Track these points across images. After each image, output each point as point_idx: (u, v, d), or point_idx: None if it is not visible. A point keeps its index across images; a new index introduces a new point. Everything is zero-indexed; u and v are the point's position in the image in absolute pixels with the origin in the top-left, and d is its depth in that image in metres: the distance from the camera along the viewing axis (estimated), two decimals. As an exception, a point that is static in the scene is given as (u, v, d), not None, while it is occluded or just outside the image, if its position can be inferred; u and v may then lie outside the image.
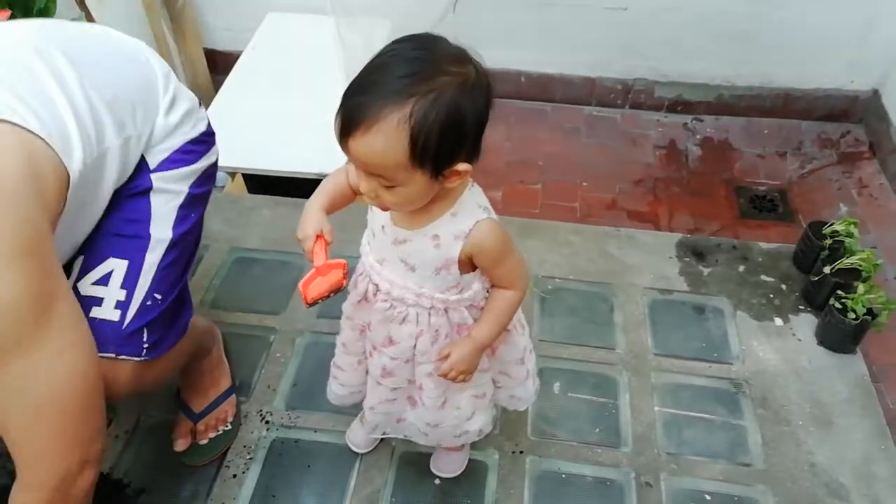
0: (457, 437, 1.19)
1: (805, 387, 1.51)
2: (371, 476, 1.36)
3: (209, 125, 1.19)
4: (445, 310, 1.00)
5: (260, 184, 2.06)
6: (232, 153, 1.90)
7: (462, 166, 0.83)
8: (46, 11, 1.51)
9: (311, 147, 1.88)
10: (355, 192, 1.01)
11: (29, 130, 0.83)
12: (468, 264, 0.95)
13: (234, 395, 1.44)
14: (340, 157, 0.87)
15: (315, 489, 1.34)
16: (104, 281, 1.02)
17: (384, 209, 0.89)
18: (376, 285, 1.01)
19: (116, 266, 1.03)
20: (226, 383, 1.44)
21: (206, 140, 1.16)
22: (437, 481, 1.36)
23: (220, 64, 2.57)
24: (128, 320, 1.02)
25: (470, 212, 0.92)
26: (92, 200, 0.99)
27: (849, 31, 2.34)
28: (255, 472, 1.36)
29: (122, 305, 1.02)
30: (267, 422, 1.44)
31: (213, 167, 1.19)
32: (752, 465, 1.39)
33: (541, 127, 2.60)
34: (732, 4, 2.32)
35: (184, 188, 1.11)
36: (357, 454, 1.39)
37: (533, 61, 2.56)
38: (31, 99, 0.86)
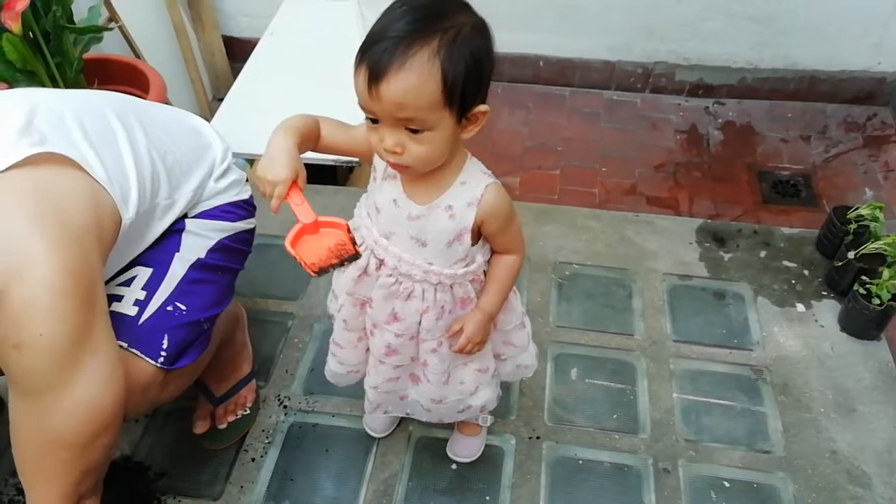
0: (460, 412, 1.19)
1: (827, 373, 1.49)
2: (388, 460, 1.37)
3: (252, 197, 1.28)
4: (451, 285, 1.01)
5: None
6: (250, 140, 1.90)
7: (482, 107, 0.85)
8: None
9: (329, 133, 1.88)
10: (322, 148, 0.99)
11: (95, 179, 0.94)
12: (476, 234, 0.97)
13: (254, 381, 1.46)
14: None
15: (333, 473, 1.36)
16: (127, 283, 1.08)
17: (402, 170, 0.88)
18: (380, 260, 1.00)
19: (141, 272, 1.09)
20: (247, 368, 1.46)
21: (246, 207, 1.25)
22: (453, 466, 1.36)
23: (238, 51, 2.57)
24: (144, 317, 1.05)
25: (478, 178, 0.94)
26: (136, 240, 1.08)
27: (874, 10, 2.28)
28: (274, 456, 1.38)
29: (141, 304, 1.06)
30: (285, 406, 1.45)
31: (249, 234, 1.27)
32: (772, 452, 1.38)
33: (559, 112, 2.57)
34: (754, -16, 2.28)
35: (215, 236, 1.17)
36: (374, 438, 1.40)
37: (552, 45, 2.53)
38: (105, 151, 0.98)
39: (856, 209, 1.62)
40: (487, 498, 1.32)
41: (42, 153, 0.89)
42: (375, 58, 0.78)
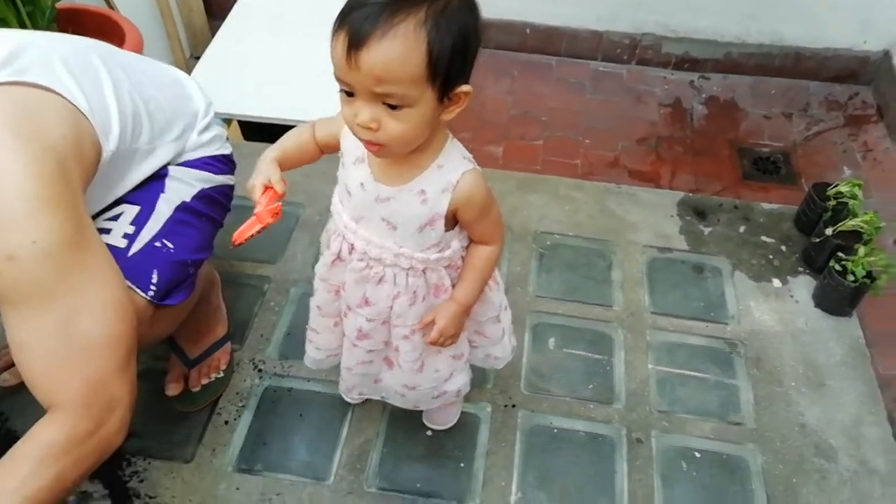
0: (435, 398, 1.17)
1: (799, 348, 1.51)
2: (363, 426, 1.37)
3: (232, 154, 1.31)
4: (423, 270, 0.98)
5: (257, 131, 2.02)
6: (228, 99, 1.86)
7: (465, 87, 0.81)
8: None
9: (310, 94, 1.83)
10: (322, 149, 1.01)
11: (77, 108, 0.94)
12: (451, 220, 0.93)
13: (228, 343, 1.44)
14: (335, 106, 0.84)
15: (307, 437, 1.35)
16: (115, 218, 1.08)
17: (376, 150, 0.83)
18: (351, 245, 0.98)
19: (127, 209, 1.09)
20: (221, 331, 1.44)
21: (227, 162, 1.28)
22: (428, 433, 1.36)
23: (216, 8, 2.49)
24: (133, 250, 1.06)
25: (457, 163, 0.90)
26: (118, 180, 1.07)
27: (864, -12, 2.27)
28: (248, 420, 1.37)
29: (130, 237, 1.06)
30: (260, 370, 1.44)
31: (230, 190, 1.28)
32: (743, 424, 1.40)
33: (545, 81, 2.54)
34: (746, -43, 2.25)
35: (198, 185, 1.18)
36: (350, 404, 1.39)
37: (539, 12, 2.49)
38: (88, 87, 0.97)
39: (835, 186, 1.63)
40: (462, 465, 1.32)
41: (22, 81, 0.89)
42: (357, 24, 0.73)
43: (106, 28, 1.71)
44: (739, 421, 1.40)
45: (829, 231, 1.56)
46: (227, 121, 2.02)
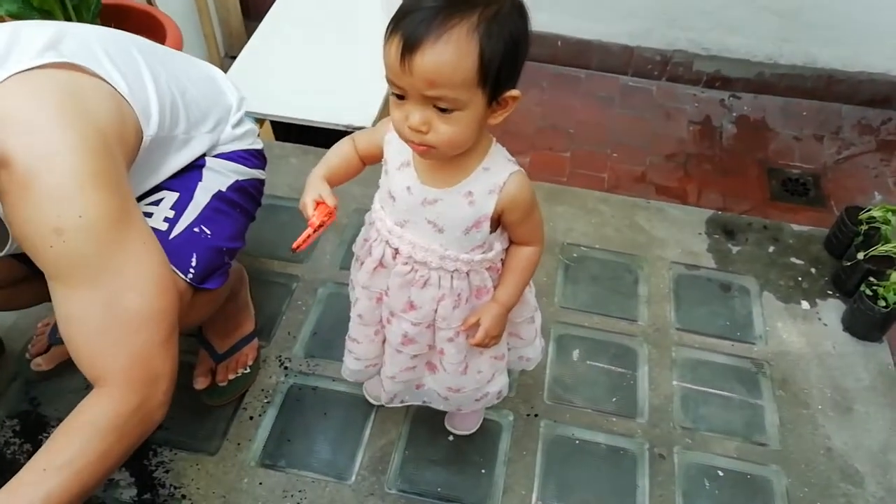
0: (477, 400, 1.18)
1: (827, 372, 1.49)
2: (386, 428, 1.37)
3: (264, 149, 1.33)
4: (467, 273, 0.99)
5: (288, 132, 2.04)
6: (262, 100, 1.88)
7: (514, 92, 0.82)
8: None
9: (343, 97, 1.86)
10: (365, 160, 1.02)
11: (119, 92, 0.96)
12: (496, 222, 0.94)
13: (255, 340, 1.45)
14: (370, 110, 0.87)
15: (330, 436, 1.36)
16: (156, 203, 1.11)
17: (424, 152, 0.84)
18: (395, 249, 0.98)
19: (168, 195, 1.12)
20: (249, 327, 1.45)
21: (259, 157, 1.30)
22: (450, 438, 1.36)
23: (253, 9, 2.53)
24: (174, 233, 1.08)
25: (502, 165, 0.91)
26: (157, 166, 1.10)
27: (900, 13, 2.26)
28: (272, 416, 1.38)
29: (171, 221, 1.09)
30: (286, 368, 1.45)
31: (262, 185, 1.31)
32: (768, 445, 1.38)
33: (574, 94, 2.55)
34: (782, -22, 2.25)
35: (232, 176, 1.21)
36: (373, 406, 1.40)
37: (572, 26, 2.50)
38: (129, 74, 1.00)
39: (868, 210, 1.62)
40: (483, 471, 1.32)
41: (67, 62, 0.91)
42: (411, 28, 0.74)
43: (148, 25, 1.75)
44: (764, 441, 1.39)
45: (860, 255, 1.55)
46: (260, 121, 2.05)
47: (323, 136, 1.94)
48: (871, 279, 1.51)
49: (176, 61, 1.17)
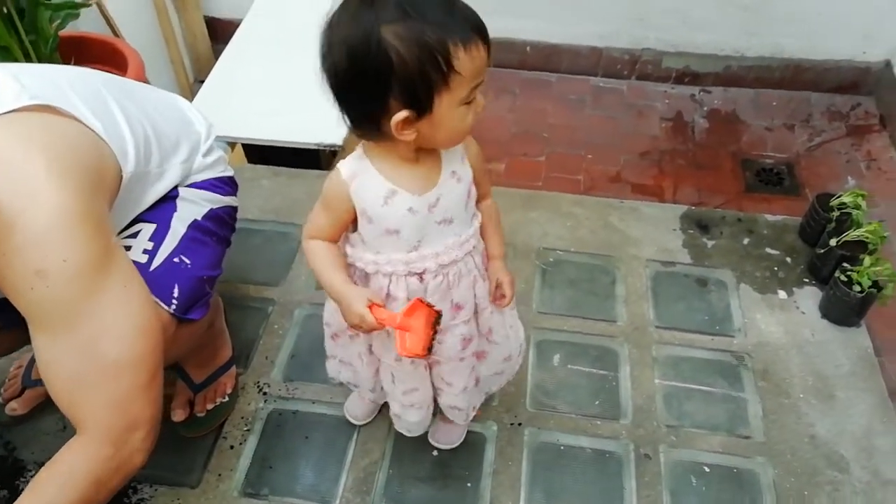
0: (519, 354, 1.22)
1: (807, 360, 1.49)
2: (369, 448, 1.36)
3: (234, 176, 1.32)
4: (477, 246, 1.03)
5: (260, 154, 2.04)
6: (232, 123, 1.88)
7: None
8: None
9: (314, 116, 1.84)
10: (340, 235, 1.01)
11: (97, 133, 0.96)
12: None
13: (233, 368, 1.44)
14: (341, 128, 0.87)
15: (312, 460, 1.34)
16: (134, 236, 1.10)
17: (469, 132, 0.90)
18: (420, 274, 0.98)
19: (145, 227, 1.12)
20: (226, 354, 1.44)
21: (230, 184, 1.29)
22: (434, 453, 1.35)
23: (220, 32, 2.53)
24: (154, 265, 1.08)
25: None
26: (135, 201, 1.09)
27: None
28: (253, 444, 1.36)
29: (150, 252, 1.09)
30: (265, 393, 1.44)
31: (235, 211, 1.30)
32: (752, 437, 1.38)
33: (545, 98, 2.56)
34: (742, -29, 2.27)
35: (206, 205, 1.20)
36: (355, 426, 1.39)
37: (539, 31, 2.51)
38: (101, 113, 0.99)
39: (838, 197, 1.63)
40: (469, 485, 1.31)
41: (43, 104, 0.91)
42: (474, 21, 0.80)
43: (108, 55, 1.74)
44: (748, 434, 1.39)
45: (833, 242, 1.56)
46: (232, 144, 2.04)
47: (295, 156, 1.93)
48: (845, 265, 1.51)
49: (142, 94, 1.18)
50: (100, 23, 2.03)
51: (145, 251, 1.08)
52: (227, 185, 1.27)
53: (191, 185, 1.20)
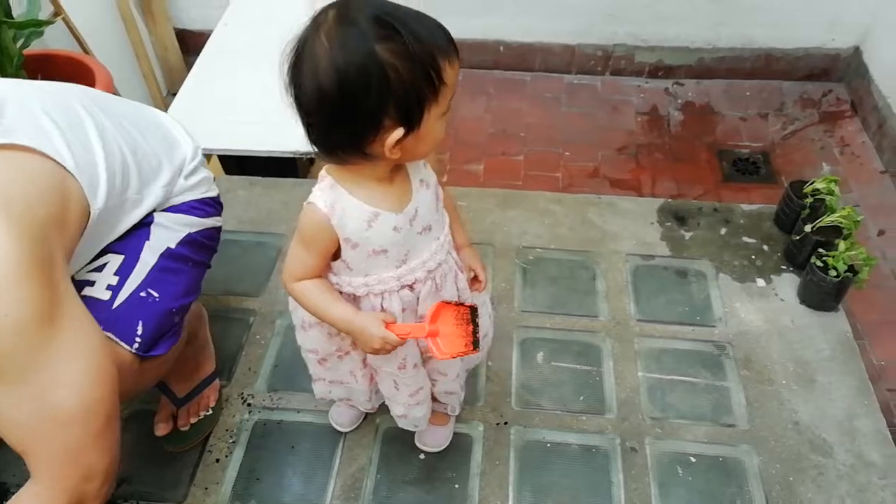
0: (491, 328, 1.23)
1: (788, 346, 1.51)
2: (356, 454, 1.36)
3: (219, 196, 1.29)
4: (451, 241, 1.04)
5: (237, 164, 2.03)
6: (206, 135, 1.86)
7: None
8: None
9: (288, 125, 1.84)
10: (327, 265, 0.99)
11: (65, 168, 0.93)
12: None
13: (216, 380, 1.43)
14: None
15: (300, 469, 1.34)
16: (99, 269, 1.07)
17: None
18: (411, 284, 0.99)
19: (112, 258, 1.08)
20: (209, 368, 1.43)
21: (213, 205, 1.25)
22: (421, 456, 1.35)
23: (192, 44, 2.52)
24: (118, 302, 1.04)
25: None
26: (106, 231, 1.06)
27: (828, -14, 2.31)
28: (239, 456, 1.36)
29: (114, 288, 1.05)
30: (249, 404, 1.43)
31: (216, 231, 1.27)
32: (736, 425, 1.39)
33: (521, 97, 2.57)
34: (709, -36, 2.29)
35: (183, 230, 1.16)
36: (341, 433, 1.38)
37: (512, 30, 2.52)
38: (74, 141, 0.96)
39: (811, 183, 1.64)
40: (457, 486, 1.31)
41: (9, 143, 0.88)
42: (447, 33, 0.81)
43: (76, 72, 1.72)
44: (732, 423, 1.40)
45: (808, 228, 1.57)
46: (208, 155, 2.03)
47: (272, 165, 1.93)
48: (821, 250, 1.53)
49: (123, 112, 1.13)
50: (68, 39, 2.02)
51: (109, 287, 1.05)
52: (209, 207, 1.23)
53: (169, 209, 1.16)
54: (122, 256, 1.08)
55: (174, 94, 2.21)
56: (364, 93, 0.77)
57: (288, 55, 0.81)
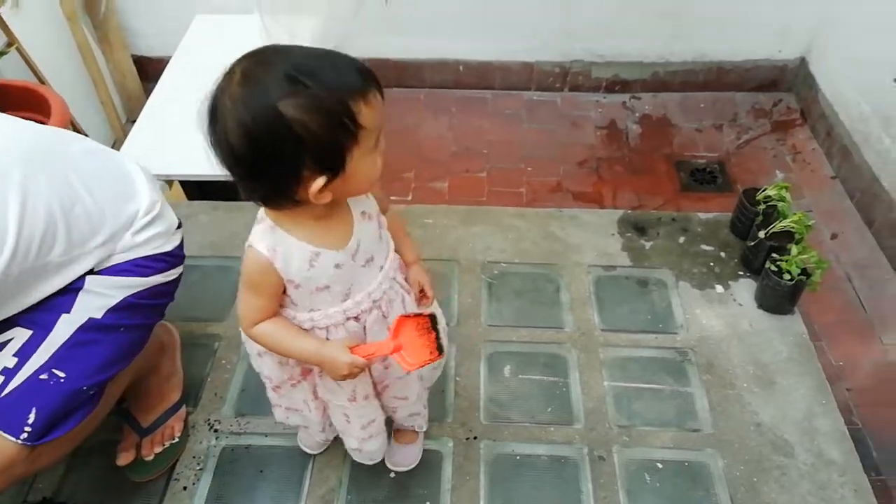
0: (448, 345, 1.25)
1: (747, 350, 1.54)
2: (325, 475, 1.35)
3: (180, 247, 1.20)
4: (397, 266, 1.04)
5: (199, 189, 2.02)
6: (166, 161, 1.86)
7: None
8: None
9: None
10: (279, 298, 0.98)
11: None
12: None
13: (183, 409, 1.41)
14: None
15: (269, 494, 1.32)
16: (0, 347, 1.00)
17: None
18: (355, 317, 0.99)
19: (18, 334, 1.02)
20: (175, 397, 1.41)
21: (167, 259, 1.16)
22: (392, 475, 1.35)
23: (150, 71, 2.51)
24: (8, 389, 0.98)
25: None
26: (17, 296, 1.00)
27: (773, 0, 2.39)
28: (207, 482, 1.34)
29: (8, 373, 0.99)
30: (216, 430, 1.41)
31: (168, 286, 1.18)
32: (701, 430, 1.42)
33: (482, 115, 2.60)
34: (658, -19, 2.36)
35: (117, 295, 1.08)
36: (310, 455, 1.37)
37: (470, 49, 2.56)
38: None
39: (763, 190, 1.69)
40: (428, 503, 1.31)
41: None
42: (363, 70, 0.80)
43: (31, 102, 1.71)
44: (697, 427, 1.42)
45: (762, 234, 1.62)
46: (170, 182, 2.02)
47: (234, 189, 1.92)
48: (774, 255, 1.57)
49: (79, 166, 1.06)
50: (23, 68, 2.00)
51: (4, 370, 0.99)
52: (159, 262, 1.14)
53: (107, 271, 1.08)
54: (30, 332, 1.02)
55: (133, 122, 2.19)
56: (274, 150, 0.77)
57: (203, 114, 0.80)
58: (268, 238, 0.90)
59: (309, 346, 0.96)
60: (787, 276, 1.53)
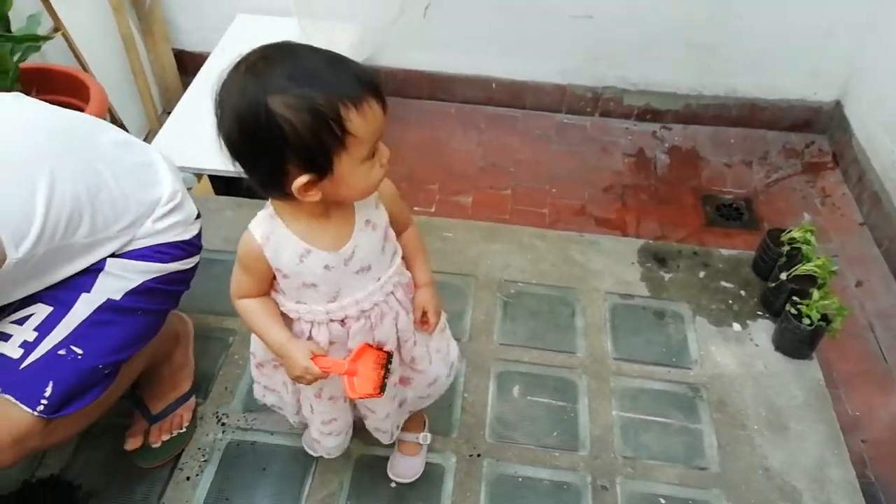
0: (448, 375, 1.21)
1: (761, 391, 1.52)
2: (327, 479, 1.35)
3: (198, 237, 1.24)
4: (398, 282, 1.04)
5: (227, 185, 2.05)
6: (197, 154, 1.89)
7: None
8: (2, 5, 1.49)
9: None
10: (268, 286, 1.00)
11: None
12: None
13: (192, 399, 1.43)
14: None
15: (270, 492, 1.33)
16: (21, 322, 1.03)
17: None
18: (342, 319, 0.99)
19: (39, 310, 1.04)
20: (186, 386, 1.43)
21: (186, 247, 1.20)
22: (392, 484, 1.35)
23: (190, 65, 2.55)
24: (28, 361, 1.01)
25: None
26: (42, 275, 1.03)
27: (809, 41, 2.38)
28: (210, 475, 1.35)
29: (28, 346, 1.02)
30: (223, 424, 1.43)
31: (186, 274, 1.22)
32: (708, 468, 1.40)
33: (512, 133, 2.61)
34: (695, 13, 2.35)
35: (137, 278, 1.12)
36: (313, 457, 1.38)
37: (504, 68, 2.57)
38: (14, 187, 0.94)
39: (789, 232, 1.68)
40: (426, 517, 1.31)
41: None
42: (366, 80, 0.81)
43: (71, 88, 1.74)
44: (704, 465, 1.41)
45: (784, 276, 1.60)
46: (199, 175, 2.05)
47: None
48: (795, 298, 1.55)
49: (106, 152, 1.09)
50: (67, 54, 2.05)
51: (24, 343, 1.01)
52: (178, 250, 1.18)
53: (128, 255, 1.11)
54: (51, 308, 1.04)
55: (169, 113, 2.23)
56: (260, 141, 0.80)
57: (213, 99, 0.83)
58: (265, 225, 0.93)
59: (277, 337, 0.98)
60: (806, 321, 1.52)
